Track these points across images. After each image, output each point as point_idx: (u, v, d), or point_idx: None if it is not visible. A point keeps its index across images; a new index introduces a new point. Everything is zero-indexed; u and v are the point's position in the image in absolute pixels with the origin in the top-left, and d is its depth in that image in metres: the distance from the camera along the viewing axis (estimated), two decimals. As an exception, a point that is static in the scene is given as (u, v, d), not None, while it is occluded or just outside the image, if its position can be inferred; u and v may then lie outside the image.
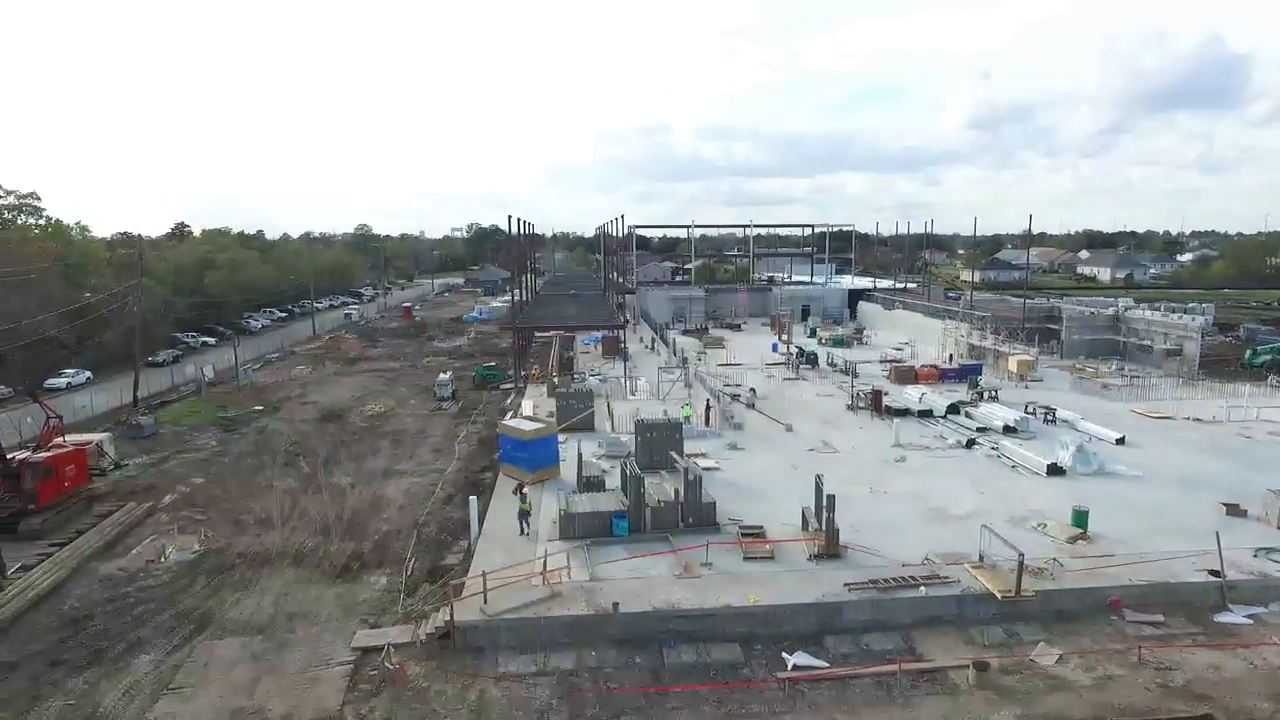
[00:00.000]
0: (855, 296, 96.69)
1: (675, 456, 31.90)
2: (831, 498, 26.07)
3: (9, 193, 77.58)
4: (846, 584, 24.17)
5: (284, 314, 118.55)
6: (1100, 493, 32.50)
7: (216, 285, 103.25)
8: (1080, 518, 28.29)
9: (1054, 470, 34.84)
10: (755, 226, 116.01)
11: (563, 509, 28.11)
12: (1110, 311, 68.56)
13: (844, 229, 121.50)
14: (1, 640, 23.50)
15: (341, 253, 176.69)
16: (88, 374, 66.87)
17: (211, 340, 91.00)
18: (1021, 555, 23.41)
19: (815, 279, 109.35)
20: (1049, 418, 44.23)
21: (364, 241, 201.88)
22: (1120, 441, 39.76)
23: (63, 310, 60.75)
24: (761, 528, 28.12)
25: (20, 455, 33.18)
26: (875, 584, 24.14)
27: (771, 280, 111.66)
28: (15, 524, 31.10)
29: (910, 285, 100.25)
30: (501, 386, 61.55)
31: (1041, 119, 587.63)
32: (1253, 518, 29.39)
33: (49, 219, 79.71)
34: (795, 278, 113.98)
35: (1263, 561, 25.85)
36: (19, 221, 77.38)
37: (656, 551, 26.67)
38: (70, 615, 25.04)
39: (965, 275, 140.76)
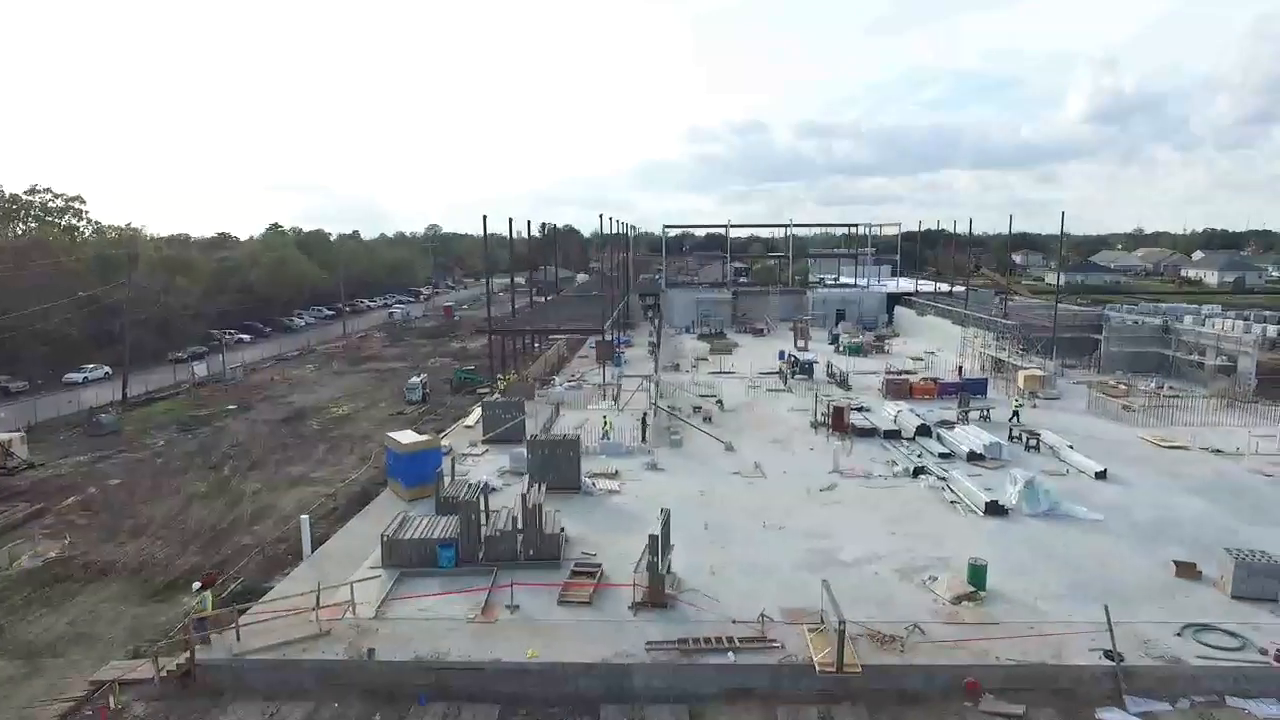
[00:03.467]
0: (894, 301, 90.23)
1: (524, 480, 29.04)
2: (655, 537, 22.67)
3: (57, 196, 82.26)
4: (649, 643, 20.81)
5: (331, 312, 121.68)
6: (1038, 539, 27.60)
7: (261, 283, 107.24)
8: (977, 573, 23.65)
9: (994, 509, 29.87)
10: (795, 225, 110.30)
11: (385, 534, 25.79)
12: (1158, 320, 60.45)
13: (880, 227, 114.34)
14: None
15: (405, 251, 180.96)
16: (106, 369, 69.59)
17: (248, 338, 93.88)
18: (843, 621, 19.39)
19: (858, 281, 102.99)
20: (1031, 443, 38.67)
21: (427, 240, 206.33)
22: (1101, 475, 34.06)
23: (49, 306, 62.91)
24: (599, 566, 24.90)
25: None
26: (681, 645, 20.67)
27: (820, 282, 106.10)
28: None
29: (958, 288, 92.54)
30: (478, 390, 60.03)
31: (1174, 109, 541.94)
32: (1207, 580, 23.99)
33: (89, 220, 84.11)
34: (843, 280, 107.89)
35: (1187, 642, 20.66)
36: (62, 223, 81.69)
37: (470, 588, 23.97)
38: (-126, 624, 24.69)
39: (1051, 278, 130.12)
